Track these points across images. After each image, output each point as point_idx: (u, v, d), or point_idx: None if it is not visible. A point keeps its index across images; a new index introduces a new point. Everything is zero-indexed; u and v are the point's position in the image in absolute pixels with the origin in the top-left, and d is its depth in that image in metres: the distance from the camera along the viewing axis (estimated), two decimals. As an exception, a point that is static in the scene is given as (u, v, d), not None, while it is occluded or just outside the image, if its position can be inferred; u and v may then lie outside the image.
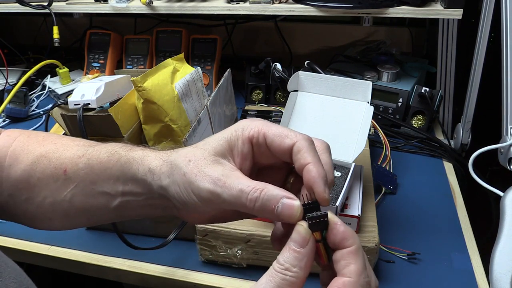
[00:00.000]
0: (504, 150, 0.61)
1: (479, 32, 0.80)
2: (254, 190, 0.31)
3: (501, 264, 0.48)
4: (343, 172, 0.65)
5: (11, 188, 0.42)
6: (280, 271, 0.29)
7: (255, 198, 0.31)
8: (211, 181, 0.32)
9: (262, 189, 0.31)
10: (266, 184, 0.31)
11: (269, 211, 0.31)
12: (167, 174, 0.35)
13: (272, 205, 0.30)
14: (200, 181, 0.32)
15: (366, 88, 0.69)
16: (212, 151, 0.34)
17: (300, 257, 0.29)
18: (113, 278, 0.72)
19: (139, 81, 0.67)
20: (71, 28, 1.44)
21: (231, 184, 0.31)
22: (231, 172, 0.32)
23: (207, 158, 0.33)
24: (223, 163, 0.33)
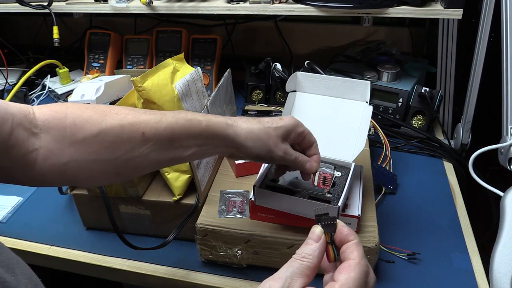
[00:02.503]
0: (504, 150, 0.61)
1: (479, 32, 0.80)
2: (300, 156, 0.56)
3: (501, 264, 0.48)
4: (343, 172, 0.65)
5: (76, 153, 0.46)
6: (298, 258, 0.39)
7: (300, 160, 0.56)
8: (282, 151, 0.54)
9: (302, 156, 0.57)
10: (302, 155, 0.57)
11: (303, 166, 0.56)
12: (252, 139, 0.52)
13: (306, 162, 0.57)
14: (277, 151, 0.54)
15: (365, 87, 0.69)
16: (280, 133, 0.54)
17: (314, 248, 0.39)
18: (113, 278, 0.72)
19: (139, 81, 0.67)
20: (71, 28, 1.44)
21: (291, 153, 0.55)
22: (289, 148, 0.56)
23: (279, 138, 0.54)
24: (286, 142, 0.55)
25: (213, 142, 0.51)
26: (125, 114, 0.48)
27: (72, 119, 0.46)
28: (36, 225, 0.79)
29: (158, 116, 0.49)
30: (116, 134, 0.46)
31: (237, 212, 0.67)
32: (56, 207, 0.83)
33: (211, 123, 0.51)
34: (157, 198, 0.71)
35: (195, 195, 0.69)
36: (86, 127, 0.46)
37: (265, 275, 0.47)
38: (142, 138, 0.47)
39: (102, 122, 0.46)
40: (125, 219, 0.74)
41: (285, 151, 0.54)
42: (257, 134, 0.53)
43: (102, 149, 0.46)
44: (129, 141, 0.47)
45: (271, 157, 0.54)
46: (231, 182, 0.74)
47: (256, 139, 0.52)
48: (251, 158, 0.54)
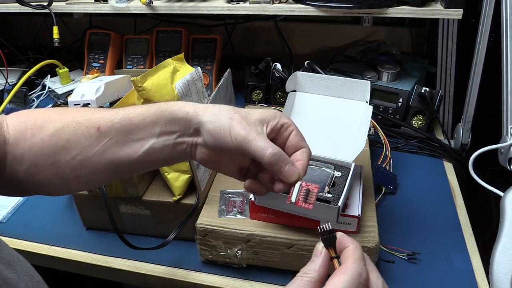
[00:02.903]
0: (504, 150, 0.61)
1: (479, 32, 0.80)
2: (276, 149, 0.43)
3: (501, 264, 0.48)
4: (343, 172, 0.65)
5: (35, 156, 0.44)
6: (300, 275, 0.38)
7: (274, 153, 0.43)
8: (248, 131, 0.43)
9: (280, 151, 0.44)
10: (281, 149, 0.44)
11: (278, 166, 0.43)
12: (213, 114, 0.45)
13: (283, 164, 0.44)
14: (240, 128, 0.44)
15: (364, 87, 0.69)
16: (254, 116, 0.46)
17: (315, 264, 0.38)
18: (113, 278, 0.72)
19: (139, 81, 0.67)
20: (71, 28, 1.44)
21: (261, 138, 0.43)
22: (263, 133, 0.45)
23: (250, 118, 0.45)
24: (259, 126, 0.45)
25: (171, 128, 0.46)
26: (85, 111, 0.47)
27: (33, 120, 0.46)
28: (36, 225, 0.79)
29: (116, 109, 0.47)
30: (72, 132, 0.45)
31: (237, 212, 0.67)
32: (56, 207, 0.83)
33: (169, 106, 0.46)
34: (157, 198, 0.71)
35: (195, 195, 0.69)
36: (44, 127, 0.45)
37: (265, 275, 0.47)
38: (98, 134, 0.45)
39: (60, 121, 0.45)
40: (125, 219, 0.74)
41: (249, 132, 0.43)
42: (222, 109, 0.46)
43: (58, 149, 0.44)
44: (84, 137, 0.45)
45: (232, 139, 0.44)
46: (231, 182, 0.74)
47: (217, 112, 0.45)
48: (211, 144, 0.45)
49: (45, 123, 0.45)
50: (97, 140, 0.45)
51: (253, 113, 0.46)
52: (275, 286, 0.64)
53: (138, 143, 0.46)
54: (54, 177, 0.45)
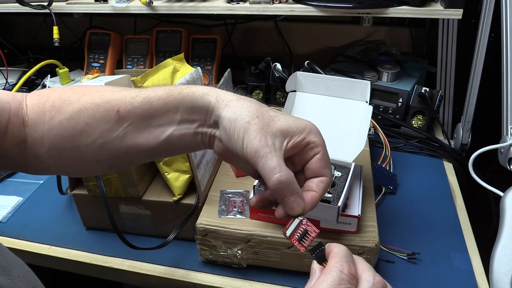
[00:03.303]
0: (504, 150, 0.61)
1: (479, 32, 0.80)
2: (285, 175, 0.38)
3: (501, 264, 0.48)
4: (343, 172, 0.65)
5: (54, 139, 0.44)
6: None
7: (280, 180, 0.37)
8: (262, 145, 0.38)
9: (289, 179, 0.38)
10: (293, 176, 0.39)
11: (282, 196, 0.39)
12: (234, 110, 0.40)
13: (288, 194, 0.38)
14: (255, 138, 0.38)
15: (364, 87, 0.69)
16: (279, 124, 0.40)
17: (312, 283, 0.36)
18: (113, 278, 0.72)
19: (139, 81, 0.67)
20: (71, 28, 1.44)
21: (273, 157, 0.38)
22: (279, 150, 0.39)
23: (272, 126, 0.40)
24: (279, 139, 0.40)
25: (192, 116, 0.43)
26: (104, 92, 0.45)
27: (51, 102, 0.44)
28: (36, 225, 0.79)
29: (136, 91, 0.44)
30: (91, 115, 0.43)
31: (237, 212, 0.67)
32: (56, 207, 0.83)
33: (191, 91, 0.43)
34: (157, 198, 0.71)
35: (195, 195, 0.69)
36: (62, 109, 0.44)
37: (265, 275, 0.47)
38: (117, 117, 0.43)
39: (78, 102, 0.44)
40: (125, 219, 0.74)
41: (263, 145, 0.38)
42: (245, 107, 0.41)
43: (77, 132, 0.43)
44: (104, 121, 0.43)
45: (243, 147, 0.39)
46: (231, 182, 0.74)
47: (239, 110, 0.40)
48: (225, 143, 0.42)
49: (63, 104, 0.44)
50: (117, 124, 0.43)
51: (278, 120, 0.41)
52: (275, 286, 0.64)
53: (159, 129, 0.44)
54: (75, 160, 0.45)
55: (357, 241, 0.61)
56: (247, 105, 0.41)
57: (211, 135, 0.44)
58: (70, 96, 0.44)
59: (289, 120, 0.41)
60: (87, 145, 0.44)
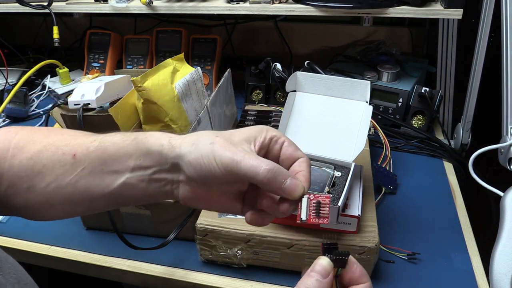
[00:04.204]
0: (504, 150, 0.61)
1: (479, 32, 0.80)
2: (270, 164, 0.37)
3: (501, 264, 0.48)
4: (343, 172, 0.65)
5: (13, 178, 0.43)
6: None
7: (269, 169, 0.37)
8: (234, 152, 0.38)
9: (276, 165, 0.38)
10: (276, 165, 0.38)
11: (277, 183, 0.38)
12: (191, 143, 0.40)
13: (282, 179, 0.38)
14: (225, 151, 0.38)
15: (364, 87, 0.69)
16: (239, 135, 0.41)
17: (322, 286, 0.34)
18: (113, 278, 0.72)
19: (139, 81, 0.67)
20: (71, 28, 1.44)
21: (251, 156, 0.38)
22: (251, 151, 0.40)
23: (234, 138, 0.40)
24: (246, 145, 0.40)
25: (146, 162, 0.41)
26: (68, 135, 0.44)
27: (17, 140, 0.44)
28: (36, 225, 0.79)
29: (95, 137, 0.43)
30: (49, 156, 0.42)
31: (237, 212, 0.67)
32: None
33: (145, 137, 0.42)
34: (157, 198, 0.70)
35: (195, 195, 0.69)
36: (25, 149, 0.43)
37: (265, 275, 0.47)
38: (73, 161, 0.42)
39: (40, 143, 0.43)
40: (125, 219, 0.74)
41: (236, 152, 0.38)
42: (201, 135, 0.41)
43: (35, 173, 0.42)
44: (60, 164, 0.42)
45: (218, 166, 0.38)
46: (231, 182, 0.74)
47: (196, 140, 0.40)
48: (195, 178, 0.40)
49: (27, 144, 0.43)
50: (72, 168, 0.42)
51: (236, 133, 0.41)
52: (275, 286, 0.64)
53: (112, 176, 0.42)
54: (29, 203, 0.43)
55: (357, 241, 0.61)
56: (202, 134, 0.41)
57: (173, 181, 0.42)
58: (35, 137, 0.44)
59: (245, 130, 0.42)
60: (42, 188, 0.42)
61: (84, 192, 0.42)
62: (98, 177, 0.42)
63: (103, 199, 0.43)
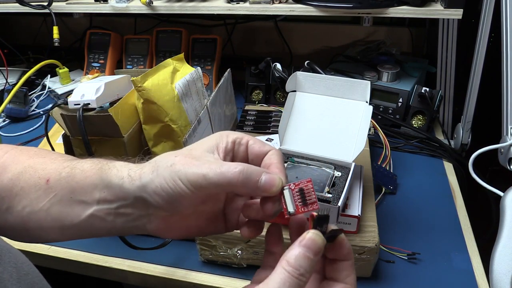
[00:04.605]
0: (504, 150, 0.61)
1: (479, 32, 0.80)
2: (239, 165, 0.35)
3: (501, 264, 0.48)
4: (343, 172, 0.65)
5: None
6: (297, 276, 0.31)
7: (239, 170, 0.34)
8: (198, 166, 0.35)
9: (245, 165, 0.35)
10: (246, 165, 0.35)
11: (253, 183, 0.34)
12: (150, 171, 0.37)
13: (256, 177, 0.35)
14: (188, 168, 0.35)
15: (365, 87, 0.69)
16: (199, 148, 0.38)
17: (313, 264, 0.32)
18: (113, 278, 0.72)
19: (139, 81, 0.67)
20: (71, 28, 1.44)
21: (217, 164, 0.35)
22: (217, 159, 0.37)
23: (194, 152, 0.37)
24: (210, 156, 0.37)
25: (109, 195, 0.39)
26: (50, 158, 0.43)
27: (4, 158, 0.44)
28: (36, 225, 0.79)
29: (69, 162, 0.42)
30: (27, 179, 0.42)
31: (237, 212, 0.66)
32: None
33: (109, 167, 0.39)
34: (157, 198, 0.70)
35: (195, 195, 0.69)
36: (8, 169, 0.43)
37: (265, 275, 0.47)
38: (46, 186, 0.41)
39: (22, 164, 0.43)
40: (125, 219, 0.73)
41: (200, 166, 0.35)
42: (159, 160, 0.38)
43: (13, 195, 0.42)
44: (34, 188, 0.41)
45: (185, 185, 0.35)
46: (231, 182, 0.74)
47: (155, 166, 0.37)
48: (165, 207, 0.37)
49: (11, 163, 0.43)
50: (45, 194, 0.41)
51: (196, 146, 0.39)
52: (275, 286, 0.64)
53: (80, 206, 0.40)
54: (8, 224, 0.42)
55: (357, 241, 0.61)
56: (159, 157, 0.38)
57: (141, 216, 0.39)
58: (20, 157, 0.44)
59: (204, 140, 0.39)
60: (18, 211, 0.42)
61: (55, 219, 0.41)
62: (68, 206, 0.40)
63: (74, 228, 0.41)
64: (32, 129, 1.11)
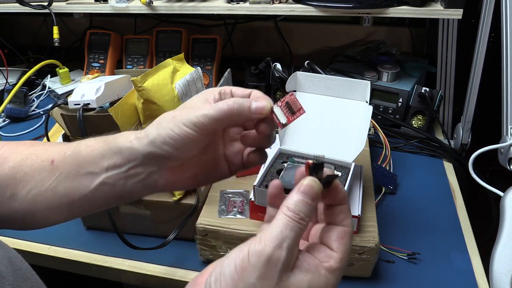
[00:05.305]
0: (504, 150, 0.61)
1: (479, 32, 0.80)
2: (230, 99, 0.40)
3: (501, 264, 0.48)
4: (343, 172, 0.65)
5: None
6: (297, 220, 0.33)
7: (233, 102, 0.39)
8: (198, 110, 0.40)
9: (237, 98, 0.41)
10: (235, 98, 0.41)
11: (246, 109, 0.40)
12: (155, 128, 0.41)
13: (248, 104, 0.40)
14: (189, 114, 0.40)
15: (364, 87, 0.69)
16: (191, 102, 0.43)
17: (312, 208, 0.34)
18: (113, 278, 0.72)
19: (139, 81, 0.67)
20: (71, 28, 1.44)
21: (213, 105, 0.40)
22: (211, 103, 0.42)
23: (189, 105, 0.43)
24: (203, 104, 0.42)
25: (119, 160, 0.42)
26: (50, 145, 0.46)
27: (2, 151, 0.46)
28: (36, 225, 0.79)
29: (72, 143, 0.45)
30: (30, 164, 0.44)
31: (237, 212, 0.67)
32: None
33: (115, 137, 0.43)
34: (157, 198, 0.70)
35: (195, 195, 0.69)
36: (8, 159, 0.45)
37: (265, 275, 0.47)
38: (51, 167, 0.43)
39: (23, 153, 0.45)
40: (125, 219, 0.74)
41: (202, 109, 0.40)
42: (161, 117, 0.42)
43: (16, 182, 0.44)
44: (39, 171, 0.44)
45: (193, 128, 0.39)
46: (231, 182, 0.74)
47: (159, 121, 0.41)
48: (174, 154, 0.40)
49: (10, 154, 0.45)
50: (50, 174, 0.43)
51: (190, 101, 0.44)
52: (275, 286, 0.64)
53: (88, 177, 0.43)
54: (13, 211, 0.44)
55: (357, 241, 0.61)
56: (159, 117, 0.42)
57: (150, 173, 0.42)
58: (19, 148, 0.46)
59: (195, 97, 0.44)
60: (23, 196, 0.44)
61: (63, 196, 0.43)
62: (76, 180, 0.43)
63: (82, 201, 0.43)
64: (32, 129, 1.11)
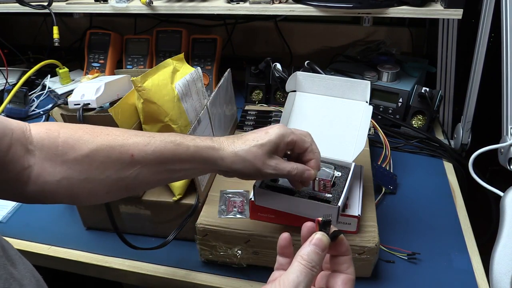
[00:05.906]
0: (504, 150, 0.61)
1: (479, 32, 0.80)
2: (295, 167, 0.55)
3: (501, 264, 0.48)
4: (343, 172, 0.65)
5: (68, 172, 0.47)
6: (310, 267, 0.39)
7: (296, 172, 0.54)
8: (272, 168, 0.53)
9: (297, 167, 0.55)
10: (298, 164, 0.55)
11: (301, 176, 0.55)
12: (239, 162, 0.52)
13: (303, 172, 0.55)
14: (266, 168, 0.53)
15: (364, 87, 0.69)
16: (267, 150, 0.53)
17: (321, 258, 0.40)
18: (113, 278, 0.72)
19: (139, 81, 0.67)
20: (71, 28, 1.44)
21: (282, 168, 0.54)
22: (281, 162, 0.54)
23: (266, 155, 0.53)
24: (275, 157, 0.54)
25: (200, 166, 0.53)
26: (116, 136, 0.50)
27: (64, 138, 0.48)
28: (36, 225, 0.79)
29: (146, 138, 0.50)
30: (106, 154, 0.48)
31: (237, 212, 0.67)
32: (56, 207, 0.82)
33: (199, 149, 0.51)
34: (157, 198, 0.71)
35: (195, 195, 0.69)
36: (77, 147, 0.47)
37: (265, 275, 0.47)
38: (131, 160, 0.49)
39: (92, 143, 0.48)
40: (125, 219, 0.74)
41: (275, 167, 0.53)
42: (243, 156, 0.52)
43: (93, 168, 0.48)
44: (119, 162, 0.48)
45: (261, 174, 0.53)
46: (231, 182, 0.74)
47: (242, 161, 0.52)
48: (241, 177, 0.55)
49: (77, 142, 0.48)
50: (130, 165, 0.49)
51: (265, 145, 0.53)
52: (275, 286, 0.64)
53: (169, 173, 0.51)
54: (86, 191, 0.49)
55: (357, 241, 0.61)
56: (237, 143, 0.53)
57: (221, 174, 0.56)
58: (83, 136, 0.49)
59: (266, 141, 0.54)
60: (101, 179, 0.48)
61: (142, 182, 0.50)
62: (158, 174, 0.51)
63: (159, 184, 0.55)
64: (32, 129, 1.11)
